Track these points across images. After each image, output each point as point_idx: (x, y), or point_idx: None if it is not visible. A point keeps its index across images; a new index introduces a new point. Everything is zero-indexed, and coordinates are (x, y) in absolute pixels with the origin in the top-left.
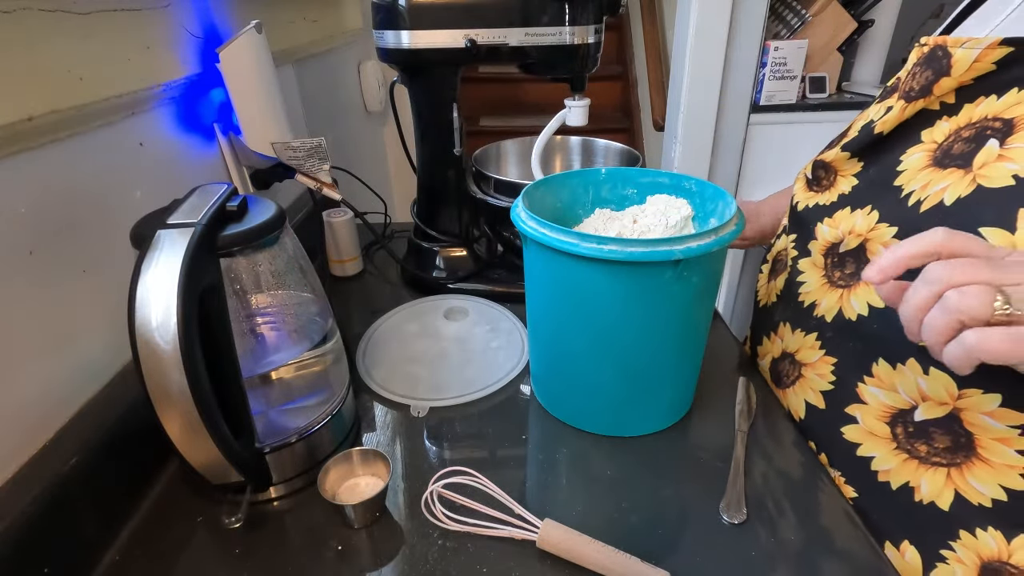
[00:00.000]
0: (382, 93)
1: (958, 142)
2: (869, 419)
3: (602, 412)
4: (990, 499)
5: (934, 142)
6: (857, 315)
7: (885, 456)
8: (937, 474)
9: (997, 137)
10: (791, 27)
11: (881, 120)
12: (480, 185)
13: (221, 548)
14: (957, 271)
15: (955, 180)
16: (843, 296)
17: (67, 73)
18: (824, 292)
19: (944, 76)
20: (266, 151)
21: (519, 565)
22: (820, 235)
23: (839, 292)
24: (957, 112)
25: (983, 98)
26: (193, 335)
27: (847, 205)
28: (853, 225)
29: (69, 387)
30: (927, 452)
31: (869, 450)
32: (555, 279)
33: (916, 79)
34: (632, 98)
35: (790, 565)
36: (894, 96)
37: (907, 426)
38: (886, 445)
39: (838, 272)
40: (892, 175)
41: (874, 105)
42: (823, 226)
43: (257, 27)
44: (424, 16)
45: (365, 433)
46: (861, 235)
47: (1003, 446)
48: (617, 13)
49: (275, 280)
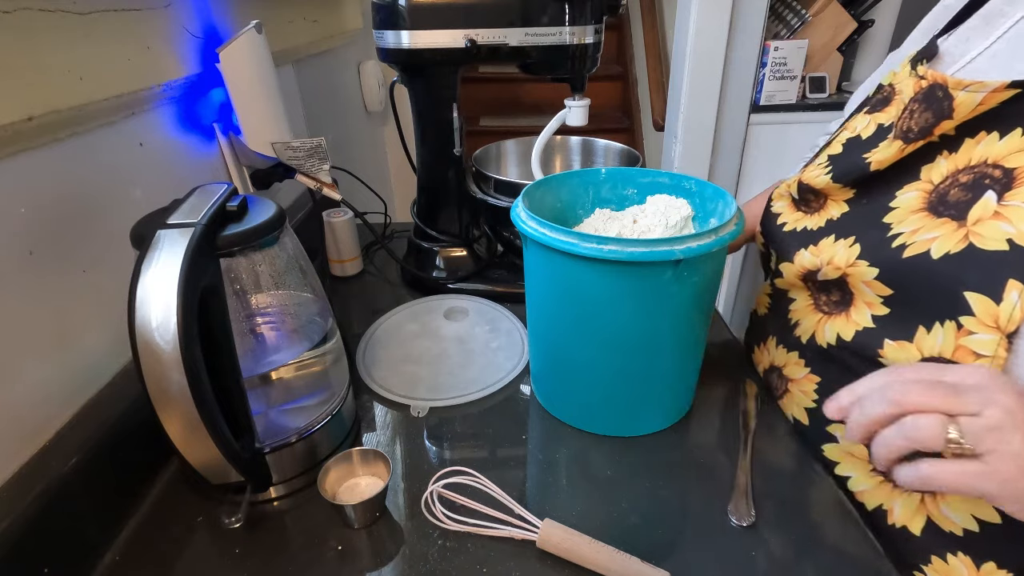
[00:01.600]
0: (382, 93)
1: (955, 187)
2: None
3: (602, 412)
4: (961, 528)
5: (930, 182)
6: (827, 343)
7: (861, 477)
8: (911, 499)
9: (995, 189)
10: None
11: (877, 159)
12: (480, 185)
13: (221, 548)
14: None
15: (947, 232)
16: (821, 321)
17: (67, 73)
18: (807, 313)
19: (946, 119)
20: (266, 151)
21: (519, 565)
22: (798, 260)
23: (819, 316)
24: (957, 147)
25: (984, 133)
26: (193, 335)
27: (832, 233)
28: (833, 255)
29: (69, 387)
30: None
31: (846, 470)
32: (555, 279)
33: (915, 119)
34: (632, 98)
35: (790, 566)
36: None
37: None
38: (863, 466)
39: (824, 296)
40: (883, 210)
41: (860, 116)
42: (805, 252)
43: (257, 27)
44: (424, 16)
45: (365, 433)
46: (840, 268)
47: None
48: (617, 13)
49: (275, 280)
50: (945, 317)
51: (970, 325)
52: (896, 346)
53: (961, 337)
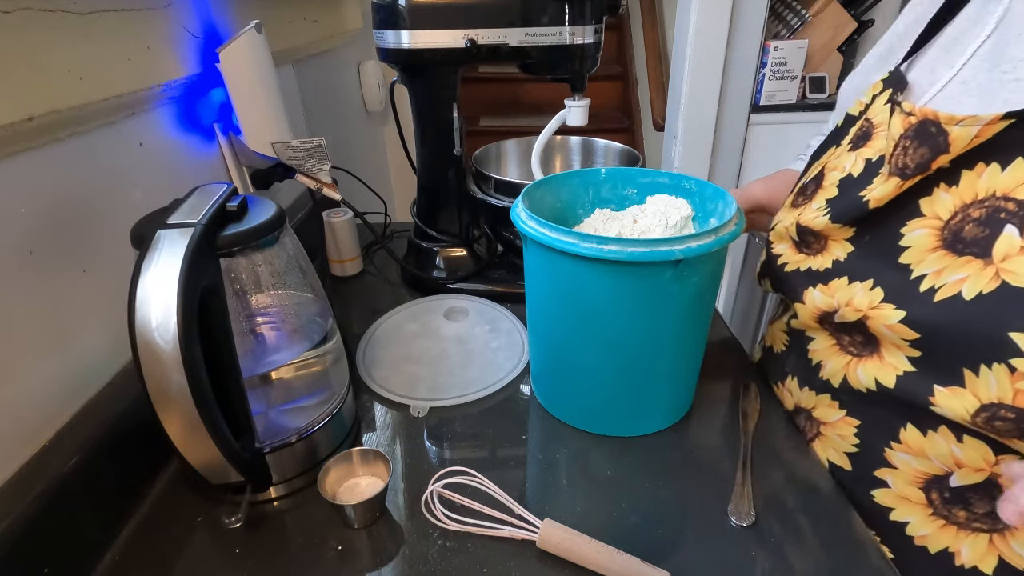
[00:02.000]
0: (382, 93)
1: (968, 223)
2: (901, 484)
3: (602, 412)
4: None
5: (938, 218)
6: (865, 388)
7: (921, 521)
8: (979, 539)
9: (1015, 223)
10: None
11: (875, 196)
12: (480, 185)
13: (221, 548)
14: None
15: (974, 272)
16: (851, 364)
17: (67, 73)
18: (831, 354)
19: (943, 153)
20: (266, 151)
21: (519, 565)
22: (810, 300)
23: (847, 359)
24: (956, 181)
25: (983, 165)
26: (193, 335)
27: (844, 274)
28: (851, 297)
29: (69, 387)
30: (966, 518)
31: (903, 515)
32: (555, 279)
33: (909, 155)
34: (632, 98)
35: (790, 566)
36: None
37: (943, 491)
38: (921, 511)
39: (847, 337)
40: (895, 250)
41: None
42: (815, 291)
43: (257, 27)
44: (424, 16)
45: (365, 433)
46: (860, 311)
47: None
48: (617, 13)
49: (275, 280)
50: (991, 360)
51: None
52: (948, 392)
53: (1018, 380)
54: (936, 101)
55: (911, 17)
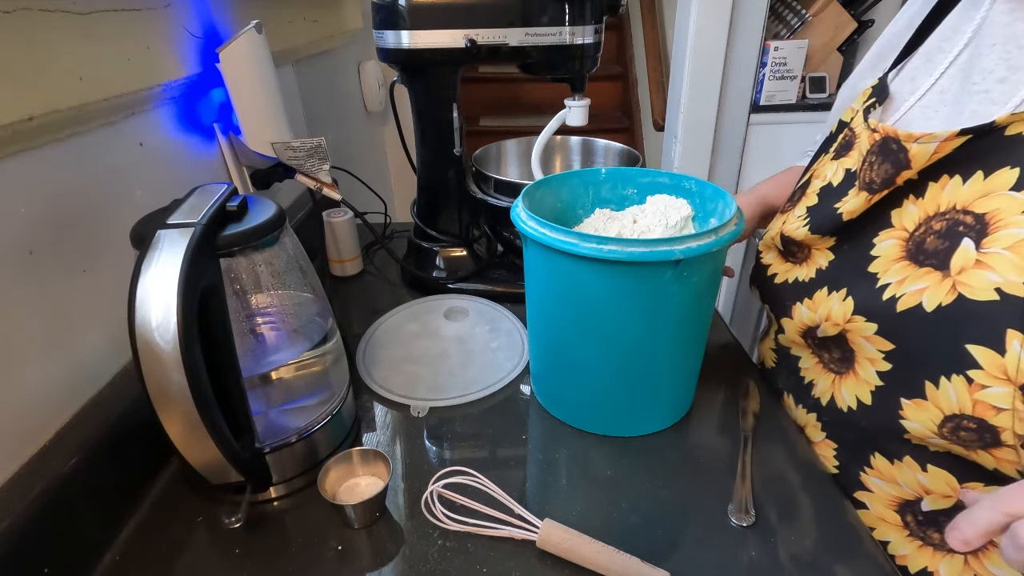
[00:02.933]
0: (382, 93)
1: (930, 235)
2: (878, 506)
3: (602, 412)
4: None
5: (904, 229)
6: (848, 407)
7: (899, 542)
8: (955, 560)
9: (971, 236)
10: (791, 27)
11: (847, 209)
12: (480, 185)
13: (221, 548)
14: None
15: (933, 283)
16: (835, 382)
17: (67, 73)
18: (819, 373)
19: (905, 169)
20: (266, 151)
21: (519, 565)
22: (797, 316)
23: (832, 377)
24: (923, 192)
25: (947, 177)
26: (193, 335)
27: (825, 284)
28: (829, 311)
29: (69, 387)
30: (941, 540)
31: (883, 535)
32: (555, 279)
33: (875, 171)
34: (632, 98)
35: (790, 566)
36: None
37: (916, 515)
38: (899, 532)
39: (826, 354)
40: (866, 259)
41: (828, 161)
42: (801, 307)
43: (257, 27)
44: (424, 16)
45: (365, 433)
46: (839, 324)
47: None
48: (617, 13)
49: (275, 280)
50: (951, 371)
51: (980, 379)
52: (914, 405)
53: (975, 392)
54: (914, 111)
55: (901, 22)
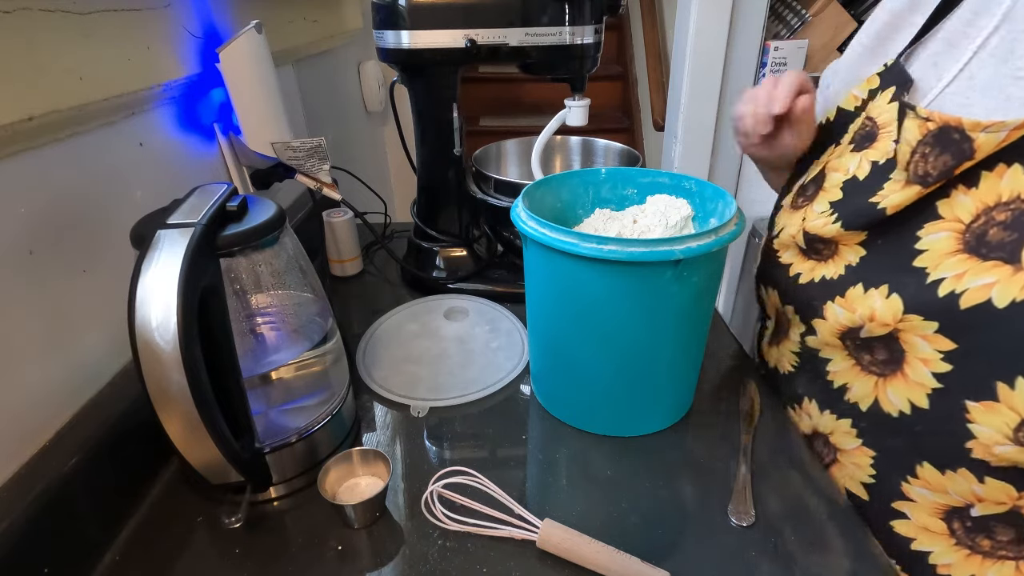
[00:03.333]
0: (382, 93)
1: (993, 226)
2: (921, 515)
3: (602, 412)
4: None
5: (959, 220)
6: (899, 411)
7: (944, 551)
8: (1005, 567)
9: None
10: (791, 27)
11: (892, 203)
12: (480, 185)
13: (221, 548)
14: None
15: (1004, 277)
16: (879, 385)
17: (67, 73)
18: (855, 376)
19: (967, 160)
20: (266, 151)
21: (519, 565)
22: (831, 316)
23: (874, 380)
24: (976, 182)
25: (1004, 166)
26: (193, 335)
27: (859, 281)
28: (872, 310)
29: (69, 387)
30: (991, 547)
31: (925, 545)
32: (555, 279)
33: (931, 163)
34: (632, 98)
35: (790, 566)
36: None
37: (965, 521)
38: (944, 540)
39: (867, 356)
40: (911, 253)
41: (847, 153)
42: (835, 306)
43: (257, 27)
44: (424, 16)
45: (365, 433)
46: (888, 324)
47: None
48: (617, 13)
49: (275, 280)
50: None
51: None
52: (983, 408)
53: None
54: (943, 98)
55: (900, 4)
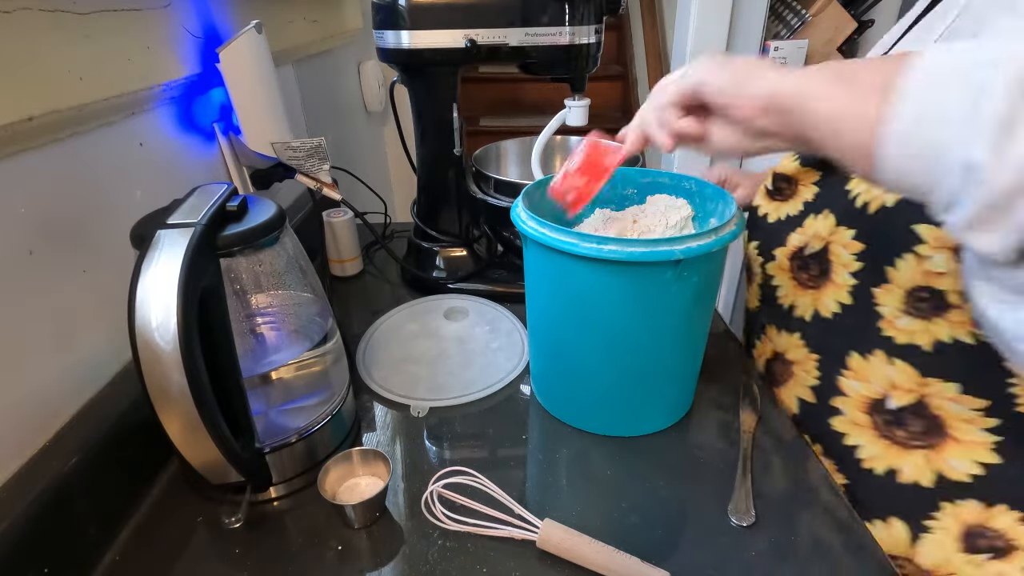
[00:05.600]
0: (382, 93)
1: None
2: (851, 410)
3: (602, 412)
4: (968, 475)
5: None
6: (832, 313)
7: (868, 443)
8: (916, 456)
9: None
10: (791, 27)
11: None
12: (480, 185)
13: (221, 548)
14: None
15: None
16: (815, 297)
17: (67, 73)
18: (799, 294)
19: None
20: (266, 151)
21: (519, 565)
22: (790, 242)
23: (811, 293)
24: None
25: None
26: (193, 335)
27: (811, 212)
28: (816, 230)
29: (69, 387)
30: (905, 437)
31: (854, 439)
32: (555, 279)
33: None
34: (632, 98)
35: (790, 566)
36: None
37: (884, 414)
38: (868, 433)
39: (804, 274)
40: (844, 182)
41: None
42: (795, 235)
43: (257, 27)
44: (424, 16)
45: (365, 433)
46: (824, 238)
47: (970, 426)
48: (617, 13)
49: (275, 280)
50: (904, 252)
51: (925, 251)
52: (883, 291)
53: (923, 263)
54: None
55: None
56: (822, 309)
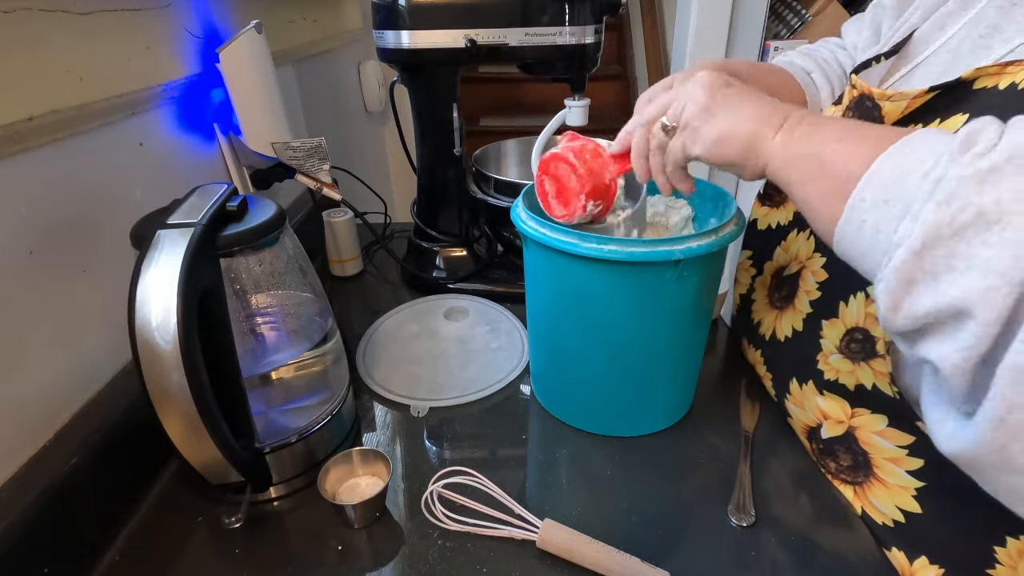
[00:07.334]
0: (382, 93)
1: None
2: (798, 433)
3: (602, 412)
4: (891, 519)
5: None
6: (785, 336)
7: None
8: (846, 491)
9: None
10: (791, 27)
11: None
12: (480, 185)
13: (221, 548)
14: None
15: None
16: (777, 318)
17: (67, 73)
18: (766, 311)
19: (880, 123)
20: (266, 151)
21: (519, 565)
22: (776, 257)
23: (775, 313)
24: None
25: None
26: (193, 335)
27: (796, 228)
28: (798, 251)
29: (69, 387)
30: (836, 469)
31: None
32: (555, 279)
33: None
34: (632, 98)
35: (790, 566)
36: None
37: (818, 443)
38: (810, 459)
39: (776, 294)
40: None
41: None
42: (779, 249)
43: (257, 27)
44: (424, 16)
45: (365, 433)
46: (801, 262)
47: (894, 466)
48: (617, 13)
49: (275, 280)
50: (858, 290)
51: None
52: (829, 324)
53: (869, 305)
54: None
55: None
56: (779, 331)
